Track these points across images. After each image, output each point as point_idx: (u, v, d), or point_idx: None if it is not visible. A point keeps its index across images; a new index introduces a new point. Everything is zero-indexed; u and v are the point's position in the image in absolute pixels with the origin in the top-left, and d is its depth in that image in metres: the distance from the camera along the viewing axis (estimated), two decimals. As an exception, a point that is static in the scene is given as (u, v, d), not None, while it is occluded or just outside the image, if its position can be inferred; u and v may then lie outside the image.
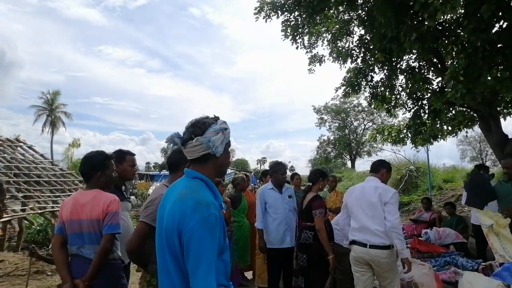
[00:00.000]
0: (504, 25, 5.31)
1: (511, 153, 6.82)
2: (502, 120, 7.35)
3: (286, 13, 7.30)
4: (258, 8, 7.22)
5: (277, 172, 4.64)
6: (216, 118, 1.66)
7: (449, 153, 59.73)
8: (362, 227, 3.51)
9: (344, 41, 8.83)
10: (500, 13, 5.00)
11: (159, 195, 2.33)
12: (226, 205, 4.95)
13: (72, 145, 36.62)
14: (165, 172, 26.68)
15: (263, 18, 7.27)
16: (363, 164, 53.41)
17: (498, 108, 7.27)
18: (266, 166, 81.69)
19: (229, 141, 1.69)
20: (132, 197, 16.35)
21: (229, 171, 27.34)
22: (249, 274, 6.02)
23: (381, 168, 3.83)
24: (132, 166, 3.33)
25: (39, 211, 8.48)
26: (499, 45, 5.19)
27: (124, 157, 3.26)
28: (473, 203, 4.44)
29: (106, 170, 2.71)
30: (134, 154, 3.37)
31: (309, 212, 3.93)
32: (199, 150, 1.58)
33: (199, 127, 1.60)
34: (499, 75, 5.04)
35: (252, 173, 27.06)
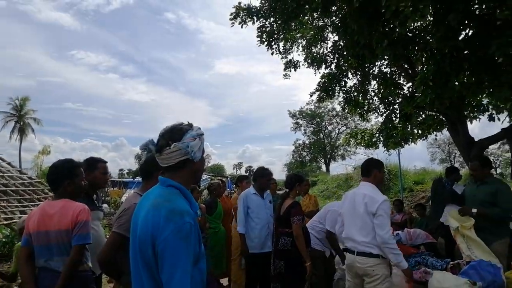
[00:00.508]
0: (470, 33, 5.56)
1: (477, 155, 7.12)
2: (468, 123, 7.68)
3: (261, 19, 7.35)
4: (234, 14, 7.24)
5: (263, 177, 4.66)
6: (190, 125, 1.66)
7: (420, 155, 61.69)
8: (351, 239, 3.34)
9: (319, 47, 8.98)
10: (466, 22, 5.23)
11: (132, 204, 2.29)
12: (201, 211, 4.92)
13: (42, 152, 35.26)
14: (139, 179, 26.08)
15: (239, 23, 7.30)
16: (338, 167, 54.21)
17: (465, 112, 7.59)
18: (242, 171, 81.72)
19: (204, 149, 1.70)
20: (105, 205, 15.91)
21: (204, 176, 27.12)
22: (224, 281, 5.98)
23: (372, 169, 3.50)
24: (104, 174, 3.24)
25: (5, 222, 8.15)
26: (465, 52, 5.43)
27: (95, 164, 3.18)
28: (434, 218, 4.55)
29: (74, 178, 2.63)
30: (106, 162, 3.29)
31: (287, 218, 3.89)
32: (177, 156, 1.55)
33: (176, 133, 1.58)
34: (465, 80, 5.27)
35: (228, 178, 26.98)
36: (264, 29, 7.53)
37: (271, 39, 7.77)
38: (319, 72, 8.95)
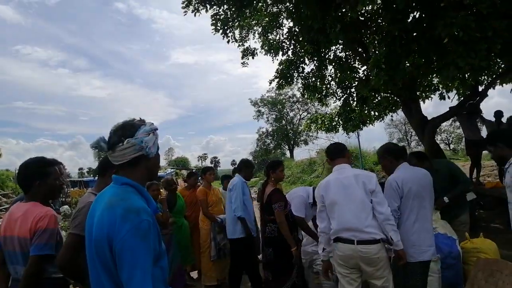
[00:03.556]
0: (417, 15, 5.75)
1: (430, 132, 7.44)
2: (421, 103, 8.01)
3: (215, 7, 7.24)
4: (186, 2, 7.05)
5: (248, 168, 4.97)
6: (143, 120, 1.60)
7: (379, 136, 63.96)
8: (349, 228, 2.96)
9: (275, 33, 8.98)
10: (414, 4, 5.39)
11: (86, 203, 2.18)
12: (162, 206, 4.84)
13: (-8, 155, 33.28)
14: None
15: (192, 12, 7.13)
16: (301, 152, 55.20)
17: (418, 92, 7.90)
18: (207, 162, 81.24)
19: (158, 144, 1.65)
20: (66, 206, 15.32)
21: (169, 170, 26.77)
22: (194, 274, 5.96)
23: (345, 150, 3.36)
24: (56, 180, 3.07)
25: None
26: (414, 34, 5.61)
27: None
28: None
29: (46, 178, 2.42)
30: (58, 163, 3.12)
31: (270, 206, 3.90)
32: (131, 153, 1.50)
33: (128, 129, 1.52)
34: (415, 62, 5.44)
35: (194, 170, 26.75)
36: (218, 16, 7.41)
37: (226, 27, 7.68)
38: (277, 59, 9.01)
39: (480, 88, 7.47)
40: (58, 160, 3.11)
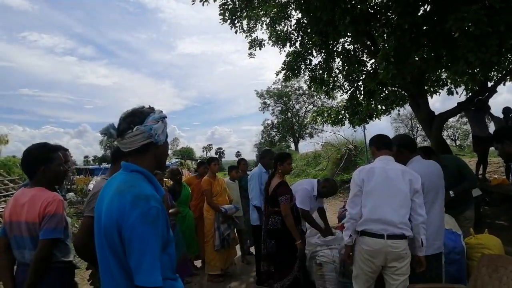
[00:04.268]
0: (428, 9, 5.67)
1: (437, 127, 7.39)
2: (429, 98, 7.94)
3: (223, -4, 7.20)
4: (195, -9, 7.03)
5: (265, 158, 5.14)
6: (152, 108, 1.61)
7: (384, 130, 63.13)
8: (382, 220, 2.87)
9: (283, 24, 8.90)
10: (425, -3, 5.32)
11: (100, 188, 2.22)
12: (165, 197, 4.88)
13: (-1, 141, 33.60)
14: (105, 165, 25.44)
15: (200, 1, 7.10)
16: (306, 145, 55.09)
17: (426, 87, 7.83)
18: (212, 153, 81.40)
19: (167, 132, 1.65)
20: (71, 193, 15.45)
21: (174, 160, 26.87)
22: (198, 263, 6.03)
23: (392, 144, 3.24)
24: (59, 165, 3.10)
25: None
26: (424, 28, 5.54)
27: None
28: None
29: (49, 164, 2.43)
30: (63, 149, 3.13)
31: (275, 198, 3.87)
32: (140, 140, 1.51)
33: (138, 116, 1.53)
34: (425, 56, 5.39)
35: (199, 160, 26.82)
36: (226, 6, 7.38)
37: (234, 17, 7.64)
38: (284, 51, 8.93)
39: (490, 84, 7.38)
40: (63, 146, 3.14)
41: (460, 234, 3.72)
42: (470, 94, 7.95)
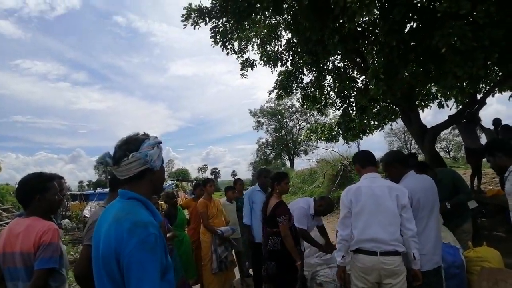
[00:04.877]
0: (414, 26, 5.81)
1: (430, 141, 7.46)
2: (420, 112, 8.04)
3: (214, 20, 7.29)
4: (185, 15, 7.11)
5: (260, 176, 5.30)
6: (147, 134, 1.63)
7: (378, 145, 64.10)
8: (373, 239, 2.88)
9: (273, 45, 9.04)
10: (410, 15, 5.45)
11: (98, 216, 2.22)
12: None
13: (-8, 169, 33.19)
14: (100, 190, 25.17)
15: (191, 25, 7.19)
16: (302, 162, 55.16)
17: (416, 101, 7.94)
18: (208, 174, 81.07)
19: (163, 157, 1.67)
20: (66, 220, 15.23)
21: (169, 182, 26.72)
22: (196, 287, 5.91)
23: (377, 161, 3.27)
24: (55, 195, 3.08)
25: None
26: (412, 44, 5.66)
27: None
28: None
29: (45, 193, 2.43)
30: (60, 177, 3.11)
31: (274, 219, 3.82)
32: (136, 167, 1.52)
33: (133, 143, 1.55)
34: (414, 71, 5.49)
35: (194, 182, 26.68)
36: (217, 29, 7.47)
37: (225, 39, 7.73)
38: (276, 70, 9.06)
39: (479, 96, 7.51)
40: (58, 174, 3.11)
41: (459, 248, 3.72)
42: (460, 106, 8.08)
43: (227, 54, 8.16)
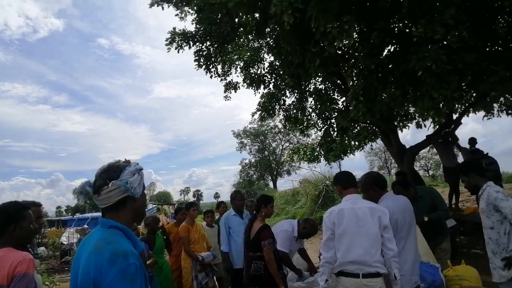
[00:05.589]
0: (392, 50, 6.06)
1: (409, 160, 7.66)
2: (399, 132, 8.29)
3: (197, 43, 7.40)
4: (170, 39, 7.19)
5: (235, 199, 5.23)
6: (128, 161, 1.61)
7: (360, 164, 64.88)
8: (356, 261, 2.88)
9: (256, 67, 9.22)
10: (388, 39, 5.69)
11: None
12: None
13: (-35, 194, 31.92)
14: (79, 215, 24.45)
15: (175, 48, 7.26)
16: (285, 183, 55.25)
17: (395, 122, 8.18)
18: (190, 196, 79.97)
19: (144, 183, 1.65)
20: (42, 248, 14.69)
21: (150, 206, 26.20)
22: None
23: (357, 181, 3.31)
24: (30, 223, 3.00)
25: None
26: (390, 67, 5.88)
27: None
28: None
29: (21, 221, 2.36)
30: (38, 205, 3.05)
31: (258, 242, 3.76)
32: (116, 195, 1.50)
33: (113, 170, 1.53)
34: (392, 93, 5.69)
35: (176, 205, 26.23)
36: (201, 53, 7.57)
37: (208, 63, 7.83)
38: (259, 92, 9.21)
39: (455, 116, 7.80)
40: (35, 201, 3.04)
41: (438, 267, 3.80)
42: (437, 126, 8.35)
43: (211, 77, 8.26)
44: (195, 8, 6.82)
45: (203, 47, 7.51)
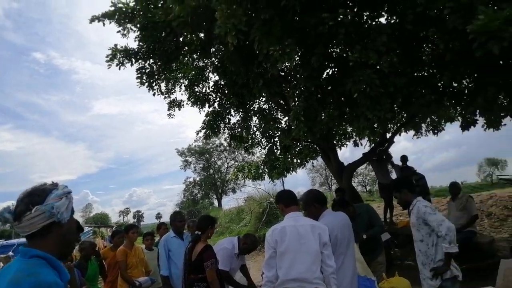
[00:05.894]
0: (331, 73, 6.41)
1: (347, 177, 8.04)
2: (338, 150, 8.71)
3: (140, 61, 7.29)
4: (111, 56, 7.00)
5: (174, 221, 4.98)
6: (55, 184, 1.50)
7: (302, 181, 66.50)
8: (297, 279, 2.89)
9: (201, 86, 9.21)
10: (326, 63, 6.02)
11: None
12: (70, 272, 4.41)
13: None
14: (3, 241, 22.34)
15: (116, 65, 7.09)
16: (230, 201, 54.91)
17: (334, 141, 8.59)
18: (130, 217, 76.49)
19: (73, 207, 1.54)
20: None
21: (87, 228, 24.67)
22: None
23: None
24: None
25: None
26: (329, 88, 6.21)
27: None
28: None
29: None
30: None
31: (200, 264, 3.67)
32: (41, 221, 1.36)
33: (38, 194, 1.39)
34: (331, 113, 5.99)
35: (114, 227, 24.93)
36: (143, 70, 7.46)
37: (151, 80, 7.73)
38: (203, 110, 9.21)
39: (388, 135, 8.38)
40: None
41: (374, 280, 3.98)
42: (373, 145, 8.89)
43: (153, 94, 8.15)
44: (138, 25, 6.75)
45: (146, 64, 7.42)
